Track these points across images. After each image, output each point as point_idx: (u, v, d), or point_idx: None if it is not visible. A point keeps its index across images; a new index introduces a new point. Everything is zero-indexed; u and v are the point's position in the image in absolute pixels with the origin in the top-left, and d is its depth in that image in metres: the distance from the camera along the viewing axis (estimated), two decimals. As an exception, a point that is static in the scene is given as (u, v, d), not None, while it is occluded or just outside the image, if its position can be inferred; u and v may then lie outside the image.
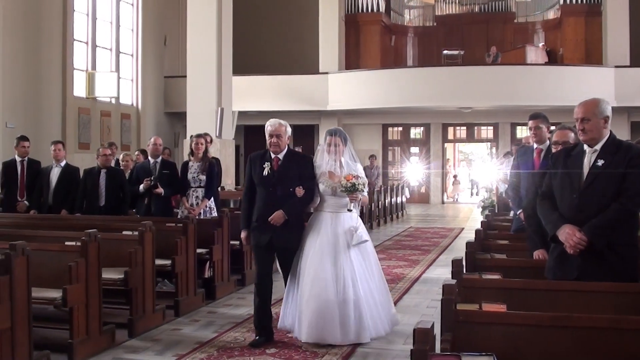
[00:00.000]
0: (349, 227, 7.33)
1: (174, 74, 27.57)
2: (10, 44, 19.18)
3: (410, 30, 32.89)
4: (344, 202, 7.37)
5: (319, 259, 7.22)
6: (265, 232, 7.31)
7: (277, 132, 7.40)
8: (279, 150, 7.42)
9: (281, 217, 7.24)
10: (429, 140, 30.41)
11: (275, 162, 7.40)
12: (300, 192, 7.32)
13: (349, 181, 7.17)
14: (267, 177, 7.34)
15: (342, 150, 7.56)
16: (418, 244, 15.96)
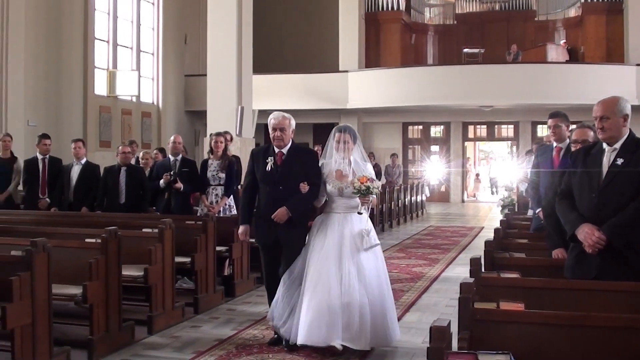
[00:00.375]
0: (360, 230, 6.94)
1: (194, 72, 27.66)
2: (32, 43, 19.30)
3: (430, 29, 32.81)
4: (354, 204, 7.03)
5: (324, 260, 6.84)
6: (270, 231, 7.08)
7: (281, 126, 7.10)
8: (282, 144, 7.13)
9: (285, 214, 6.98)
10: (449, 138, 30.33)
11: (279, 157, 7.13)
12: (304, 187, 7.01)
13: (364, 184, 6.80)
14: (270, 172, 7.09)
15: (352, 148, 7.18)
16: (438, 243, 15.94)
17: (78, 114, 21.64)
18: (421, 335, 7.59)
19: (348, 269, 6.78)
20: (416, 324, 8.19)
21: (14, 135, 13.69)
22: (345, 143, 7.13)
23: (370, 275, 6.86)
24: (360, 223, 7.03)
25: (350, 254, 6.84)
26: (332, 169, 7.12)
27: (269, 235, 7.11)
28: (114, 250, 7.05)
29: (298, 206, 7.08)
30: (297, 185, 7.01)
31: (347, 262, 6.81)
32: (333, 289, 6.72)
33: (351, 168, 7.11)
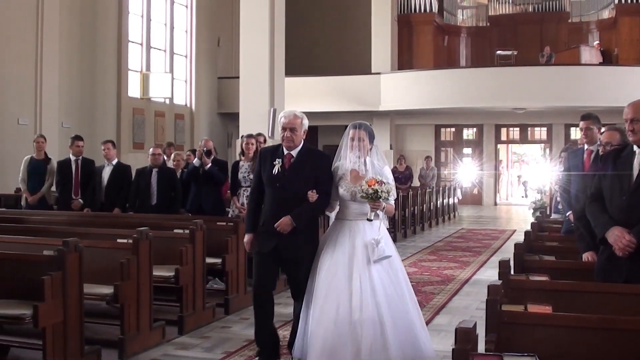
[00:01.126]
0: (370, 240, 6.23)
1: (227, 74, 27.77)
2: (66, 45, 19.49)
3: (463, 30, 32.70)
4: (366, 210, 6.29)
5: (333, 274, 6.20)
6: (270, 238, 6.44)
7: (292, 125, 6.47)
8: (292, 145, 6.49)
9: (288, 224, 6.32)
10: (482, 141, 30.22)
11: (287, 160, 6.49)
12: (312, 196, 6.34)
13: (371, 187, 6.10)
14: (276, 175, 6.45)
15: (368, 147, 6.47)
16: (469, 246, 15.90)
17: (112, 115, 21.82)
18: (451, 338, 7.50)
19: (359, 284, 6.12)
20: (446, 327, 8.18)
21: (48, 136, 13.86)
22: (360, 141, 6.43)
23: (387, 288, 6.18)
24: (372, 231, 6.32)
25: (362, 266, 6.19)
26: (347, 169, 6.45)
27: (269, 242, 6.47)
28: (145, 250, 7.11)
29: (303, 216, 6.42)
30: (306, 192, 6.37)
31: (359, 275, 6.15)
32: (342, 307, 6.08)
33: (367, 169, 6.43)
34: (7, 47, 17.33)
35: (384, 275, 6.22)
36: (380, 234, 6.30)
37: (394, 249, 6.43)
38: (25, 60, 17.94)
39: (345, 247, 6.27)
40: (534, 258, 6.37)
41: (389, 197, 6.22)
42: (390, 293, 6.18)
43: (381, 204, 6.21)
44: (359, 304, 6.05)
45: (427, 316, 8.68)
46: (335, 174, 6.50)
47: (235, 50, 24.57)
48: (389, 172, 6.55)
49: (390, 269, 6.29)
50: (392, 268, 6.31)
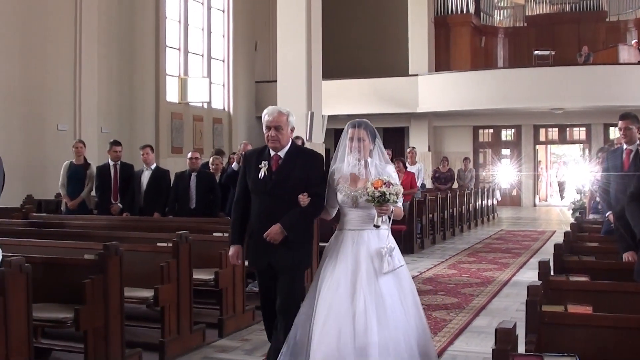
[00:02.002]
0: (378, 249, 5.59)
1: (264, 78, 27.90)
2: (105, 51, 19.68)
3: (500, 31, 32.58)
4: (372, 215, 5.65)
5: (334, 293, 5.52)
6: (261, 253, 5.83)
7: (276, 123, 5.82)
8: (279, 146, 5.85)
9: (279, 232, 5.67)
10: (520, 142, 30.02)
11: (274, 162, 5.86)
12: (304, 200, 5.69)
13: (378, 189, 5.46)
14: (263, 180, 5.81)
15: (369, 147, 5.83)
16: (509, 247, 15.81)
17: (150, 120, 22.00)
18: (491, 340, 7.50)
19: (364, 304, 5.43)
20: (486, 329, 8.14)
21: (88, 142, 14.01)
22: (360, 141, 5.78)
23: (394, 306, 5.49)
24: (379, 239, 5.68)
25: (367, 281, 5.52)
26: (345, 173, 5.80)
27: (262, 258, 5.87)
28: (185, 253, 7.16)
29: (295, 223, 5.75)
30: (296, 196, 5.71)
31: (363, 293, 5.47)
32: (344, 331, 5.41)
33: (368, 171, 5.78)
34: (46, 54, 17.55)
35: (392, 288, 5.57)
36: (389, 241, 5.69)
37: (402, 259, 5.78)
38: (64, 66, 18.16)
39: (347, 260, 5.61)
40: (573, 259, 6.34)
41: (397, 199, 5.59)
42: (392, 313, 5.46)
43: (389, 208, 5.59)
44: (364, 326, 5.37)
45: (467, 318, 8.66)
46: (332, 177, 5.86)
47: (273, 54, 24.68)
48: (393, 171, 5.91)
49: (396, 281, 5.63)
50: (399, 278, 5.65)
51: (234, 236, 6.04)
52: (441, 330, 7.99)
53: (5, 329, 5.22)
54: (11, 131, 15.85)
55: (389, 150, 17.36)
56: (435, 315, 8.77)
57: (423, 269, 12.60)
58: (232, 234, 6.08)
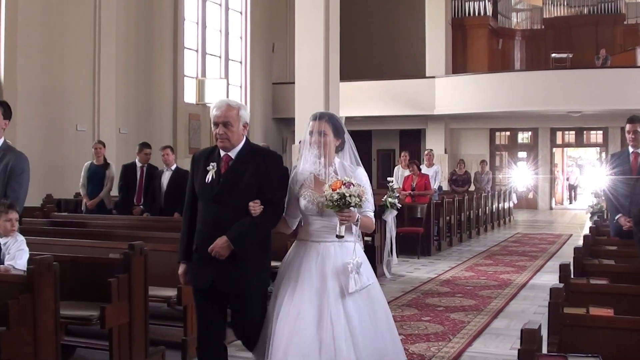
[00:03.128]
0: (344, 265, 4.77)
1: (281, 80, 27.99)
2: (123, 53, 19.80)
3: (517, 34, 32.55)
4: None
5: (295, 319, 4.69)
6: (205, 270, 4.94)
7: (225, 119, 4.95)
8: (229, 145, 4.99)
9: (225, 246, 4.80)
10: (537, 144, 29.95)
11: (224, 163, 5.01)
12: (255, 208, 4.84)
13: (336, 191, 4.63)
14: (210, 184, 4.97)
15: (333, 143, 5.00)
16: (525, 250, 15.82)
17: (168, 121, 22.11)
18: (509, 342, 7.60)
19: (332, 330, 4.65)
20: (504, 331, 8.19)
21: (107, 142, 14.13)
22: (322, 135, 4.94)
23: (365, 333, 4.74)
24: (346, 253, 4.85)
25: (335, 303, 4.71)
26: (308, 174, 5.00)
27: (205, 276, 4.96)
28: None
29: (244, 235, 4.85)
30: (247, 204, 4.88)
31: (330, 317, 4.67)
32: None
33: (329, 173, 4.96)
34: (65, 55, 17.66)
35: (363, 310, 4.80)
36: (356, 255, 4.83)
37: (373, 275, 5.00)
38: (83, 68, 18.28)
39: (312, 278, 4.80)
40: (593, 262, 6.37)
41: (361, 203, 4.72)
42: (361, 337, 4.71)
43: (353, 215, 4.73)
44: (334, 354, 4.63)
45: (485, 320, 8.70)
46: (295, 181, 5.03)
47: (290, 55, 24.78)
48: (364, 174, 5.03)
49: (367, 300, 4.85)
50: (370, 299, 4.88)
51: (183, 252, 5.14)
52: (459, 332, 8.03)
53: (34, 326, 5.31)
54: (31, 131, 15.96)
55: (406, 152, 17.49)
56: (454, 317, 8.82)
57: (440, 271, 12.64)
58: (180, 249, 5.17)
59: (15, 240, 6.12)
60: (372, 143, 31.00)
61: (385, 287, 11.00)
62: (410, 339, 7.62)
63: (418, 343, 7.48)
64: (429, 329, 8.17)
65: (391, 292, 10.49)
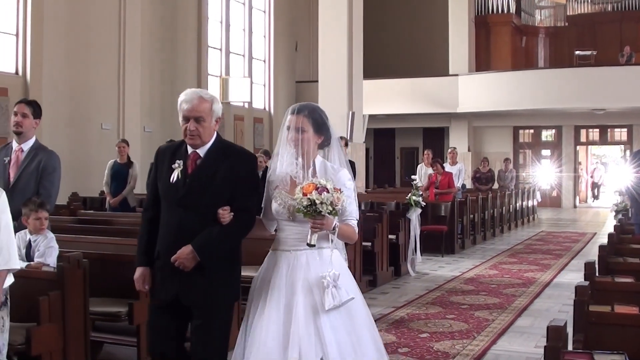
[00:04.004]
0: (319, 278, 4.17)
1: (305, 78, 28.05)
2: (148, 52, 19.92)
3: (541, 31, 32.42)
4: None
5: (265, 335, 4.14)
6: (167, 281, 4.38)
7: (197, 114, 4.40)
8: (199, 142, 4.43)
9: (190, 257, 4.27)
10: (561, 142, 29.84)
11: (191, 162, 4.44)
12: (224, 216, 4.30)
13: (307, 196, 4.06)
14: (175, 185, 4.38)
15: (313, 141, 4.38)
16: (549, 249, 15.77)
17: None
18: (534, 340, 7.60)
19: (299, 354, 4.05)
20: (528, 329, 8.19)
21: (131, 141, 14.25)
22: (299, 132, 4.34)
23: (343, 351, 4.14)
24: (322, 263, 4.26)
25: (305, 324, 4.12)
26: (284, 175, 4.40)
27: (168, 288, 4.40)
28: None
29: (212, 246, 4.31)
30: (217, 209, 4.32)
31: (298, 342, 4.08)
32: None
33: (307, 174, 4.34)
34: (90, 54, 17.82)
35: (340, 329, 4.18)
36: (333, 266, 4.23)
37: (355, 287, 4.38)
38: (108, 67, 18.44)
39: (280, 294, 4.23)
40: (618, 260, 6.37)
41: (334, 210, 4.10)
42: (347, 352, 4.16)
43: (327, 223, 4.13)
44: None
45: (509, 318, 8.70)
46: (271, 181, 4.45)
47: (313, 54, 24.83)
48: (347, 177, 4.40)
49: (348, 317, 4.24)
50: (350, 315, 4.24)
51: (140, 256, 4.55)
52: (484, 330, 8.04)
53: (64, 322, 5.40)
54: (57, 130, 16.10)
55: (429, 150, 17.48)
56: (478, 315, 8.83)
57: (464, 269, 12.64)
58: (138, 253, 4.59)
59: (46, 237, 6.21)
60: (396, 141, 31.03)
61: (410, 285, 11.06)
62: (435, 337, 7.65)
63: (442, 341, 7.50)
64: (454, 326, 8.19)
65: (415, 290, 10.52)
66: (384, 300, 9.83)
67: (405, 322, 8.34)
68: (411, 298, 9.95)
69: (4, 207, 5.01)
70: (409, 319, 8.51)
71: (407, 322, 8.33)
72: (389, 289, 10.71)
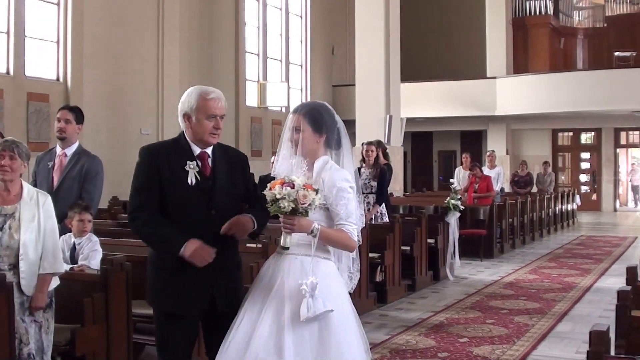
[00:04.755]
0: (297, 286, 3.88)
1: (341, 82, 28.06)
2: (186, 57, 20.06)
3: (579, 32, 32.14)
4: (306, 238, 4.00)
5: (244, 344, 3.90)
6: (196, 291, 4.14)
7: (224, 112, 4.36)
8: (215, 139, 4.29)
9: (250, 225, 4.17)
10: (600, 145, 29.56)
11: (204, 162, 4.25)
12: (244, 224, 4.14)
13: (273, 190, 3.82)
14: (197, 187, 4.14)
15: (312, 141, 4.15)
16: (590, 253, 15.64)
17: (230, 124, 22.31)
18: (574, 345, 7.56)
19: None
20: (569, 334, 8.14)
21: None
22: (295, 132, 4.15)
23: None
24: (301, 269, 3.97)
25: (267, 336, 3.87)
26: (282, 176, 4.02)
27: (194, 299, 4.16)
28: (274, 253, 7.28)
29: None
30: (236, 210, 4.24)
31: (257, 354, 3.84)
32: None
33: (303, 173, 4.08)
34: (129, 60, 17.99)
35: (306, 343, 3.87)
36: (311, 273, 3.92)
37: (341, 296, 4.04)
38: (147, 72, 18.61)
39: (255, 301, 4.03)
40: (661, 264, 6.33)
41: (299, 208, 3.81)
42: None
43: (298, 223, 3.86)
44: None
45: (550, 323, 8.65)
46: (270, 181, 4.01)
47: (350, 58, 24.86)
48: (342, 177, 4.09)
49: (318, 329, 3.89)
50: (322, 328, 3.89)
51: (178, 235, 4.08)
52: (524, 335, 8.01)
53: (107, 324, 5.47)
54: (97, 135, 16.26)
55: (467, 154, 17.42)
56: (518, 320, 8.79)
57: (504, 274, 12.58)
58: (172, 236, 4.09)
59: (90, 240, 6.32)
60: (433, 144, 30.95)
61: (449, 289, 11.04)
62: (475, 342, 7.64)
63: (482, 346, 7.49)
64: (493, 331, 8.17)
65: (454, 295, 10.50)
66: (422, 305, 9.83)
67: (444, 327, 8.34)
68: (450, 302, 9.93)
69: (50, 212, 5.13)
70: (448, 324, 8.51)
71: (446, 327, 8.32)
72: (428, 294, 10.71)
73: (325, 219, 4.04)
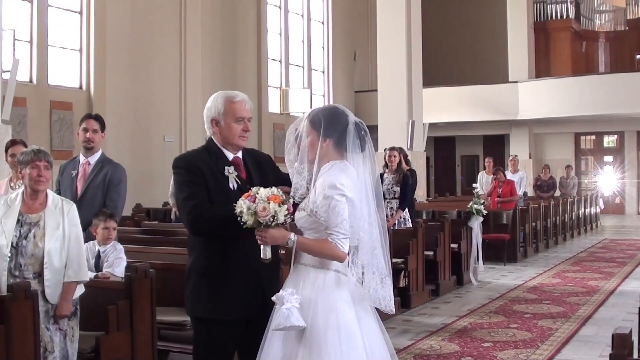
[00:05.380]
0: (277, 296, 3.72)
1: (364, 88, 28.11)
2: (208, 64, 20.16)
3: (601, 35, 32.01)
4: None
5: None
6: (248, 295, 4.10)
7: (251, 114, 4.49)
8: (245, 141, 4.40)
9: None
10: (623, 148, 29.43)
11: (240, 166, 4.32)
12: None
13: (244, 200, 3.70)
14: (238, 192, 4.03)
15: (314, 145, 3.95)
16: (613, 256, 15.57)
17: (253, 131, 22.15)
18: (598, 349, 7.54)
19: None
20: (593, 338, 8.12)
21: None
22: (301, 138, 4.04)
23: None
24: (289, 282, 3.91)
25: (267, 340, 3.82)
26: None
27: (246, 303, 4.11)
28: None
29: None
30: None
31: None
32: None
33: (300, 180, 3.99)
34: (151, 68, 18.12)
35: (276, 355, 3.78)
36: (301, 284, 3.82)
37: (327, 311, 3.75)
38: (170, 79, 18.73)
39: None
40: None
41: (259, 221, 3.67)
42: None
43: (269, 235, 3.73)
44: None
45: (573, 327, 8.63)
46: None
47: (372, 63, 24.90)
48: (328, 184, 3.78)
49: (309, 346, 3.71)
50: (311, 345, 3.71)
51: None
52: (548, 339, 7.99)
53: (132, 331, 5.51)
54: (121, 142, 16.38)
55: (490, 158, 17.39)
56: (542, 324, 8.78)
57: (527, 278, 12.55)
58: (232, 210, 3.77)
59: (115, 248, 6.37)
60: (456, 149, 30.90)
61: (472, 294, 11.04)
62: (499, 346, 7.64)
63: (506, 350, 7.48)
64: (517, 335, 8.16)
65: (478, 299, 10.50)
66: (446, 310, 9.83)
67: (468, 332, 8.33)
68: (474, 307, 9.93)
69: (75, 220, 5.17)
70: (472, 328, 8.51)
71: (470, 332, 8.32)
72: (452, 298, 10.71)
73: (317, 226, 3.83)
